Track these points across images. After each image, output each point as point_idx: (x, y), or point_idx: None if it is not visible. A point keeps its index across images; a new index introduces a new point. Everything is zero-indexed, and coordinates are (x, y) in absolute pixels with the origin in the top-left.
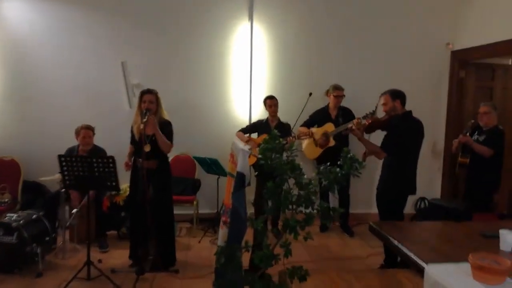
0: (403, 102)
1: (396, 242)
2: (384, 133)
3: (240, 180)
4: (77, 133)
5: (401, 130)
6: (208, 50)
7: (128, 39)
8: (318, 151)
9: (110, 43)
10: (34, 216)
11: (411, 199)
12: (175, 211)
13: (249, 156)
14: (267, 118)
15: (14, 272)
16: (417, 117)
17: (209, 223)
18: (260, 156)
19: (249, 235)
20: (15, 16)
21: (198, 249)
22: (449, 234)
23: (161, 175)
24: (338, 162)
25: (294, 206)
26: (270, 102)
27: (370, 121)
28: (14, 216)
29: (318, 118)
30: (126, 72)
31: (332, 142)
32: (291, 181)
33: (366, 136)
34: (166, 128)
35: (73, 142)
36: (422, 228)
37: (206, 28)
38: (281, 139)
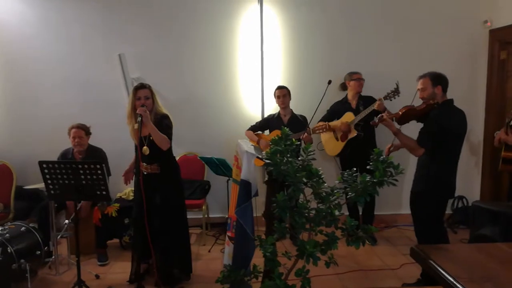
0: (444, 89)
1: (451, 279)
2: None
3: (245, 190)
4: (69, 133)
5: (441, 123)
6: (213, 38)
7: (125, 29)
8: (340, 145)
9: (105, 35)
10: (23, 228)
11: None
12: None
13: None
14: (279, 112)
15: None
16: (458, 107)
17: (221, 229)
18: (267, 160)
19: (259, 255)
20: (3, 8)
21: (208, 260)
22: None
23: (167, 179)
24: (368, 167)
25: (312, 225)
26: (279, 92)
27: (404, 111)
28: (0, 229)
29: (336, 110)
30: (124, 65)
31: (353, 133)
32: (308, 191)
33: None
34: (163, 121)
35: (69, 143)
36: (485, 253)
37: (208, 14)
38: (294, 140)
